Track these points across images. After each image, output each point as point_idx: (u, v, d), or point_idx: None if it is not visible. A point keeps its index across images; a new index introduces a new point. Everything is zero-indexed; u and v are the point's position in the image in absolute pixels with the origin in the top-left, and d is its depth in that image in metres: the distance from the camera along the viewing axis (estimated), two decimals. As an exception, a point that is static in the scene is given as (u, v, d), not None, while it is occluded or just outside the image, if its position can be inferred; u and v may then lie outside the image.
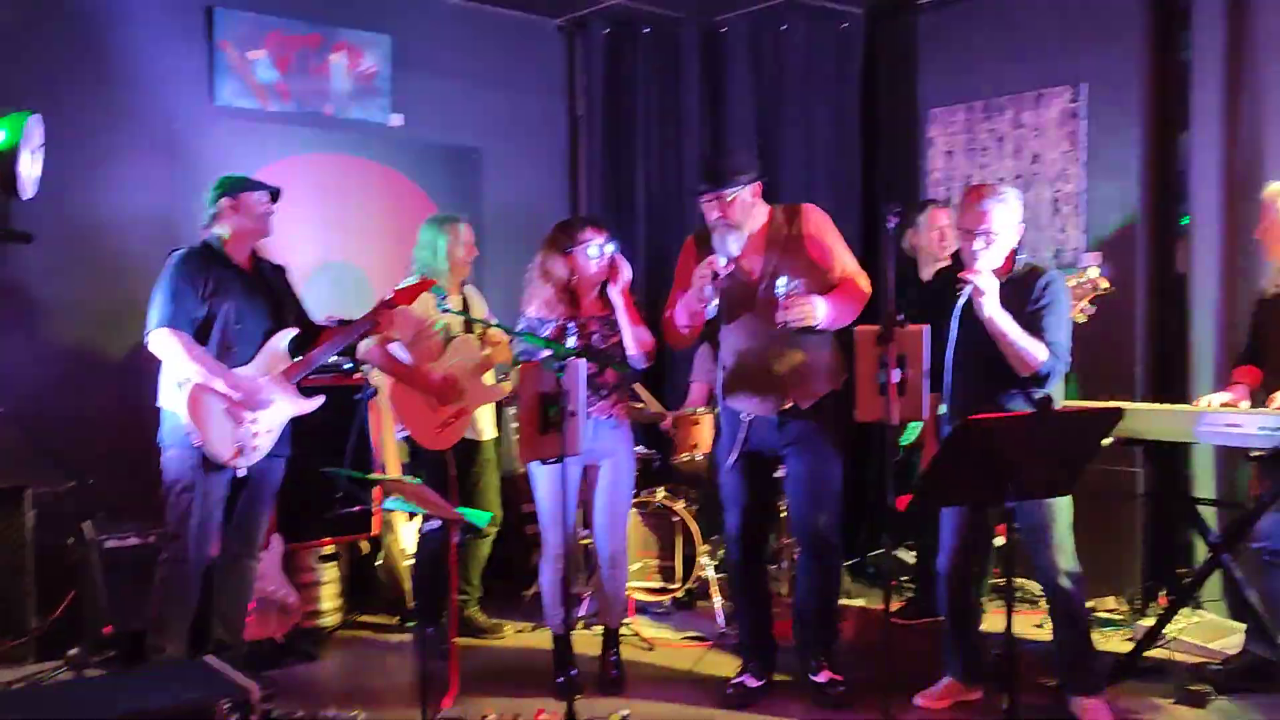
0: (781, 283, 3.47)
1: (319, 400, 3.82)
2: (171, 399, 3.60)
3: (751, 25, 5.92)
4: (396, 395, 4.15)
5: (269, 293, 3.82)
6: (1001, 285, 3.30)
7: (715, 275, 3.51)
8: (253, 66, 5.11)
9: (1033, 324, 3.31)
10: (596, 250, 3.77)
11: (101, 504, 4.22)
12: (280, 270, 3.96)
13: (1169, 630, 3.98)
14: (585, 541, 4.81)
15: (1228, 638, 4.16)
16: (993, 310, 3.24)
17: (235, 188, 3.78)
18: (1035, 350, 3.27)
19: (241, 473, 3.65)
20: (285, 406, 3.73)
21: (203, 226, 3.79)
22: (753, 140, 5.91)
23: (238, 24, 5.05)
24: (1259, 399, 3.65)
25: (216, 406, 3.57)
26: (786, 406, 3.63)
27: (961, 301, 3.25)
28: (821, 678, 3.76)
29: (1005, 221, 3.33)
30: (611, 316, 3.83)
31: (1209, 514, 4.19)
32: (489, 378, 4.28)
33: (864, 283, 3.64)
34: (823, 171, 5.81)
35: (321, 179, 5.31)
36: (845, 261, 3.66)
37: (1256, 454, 3.49)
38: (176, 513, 3.61)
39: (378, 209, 5.43)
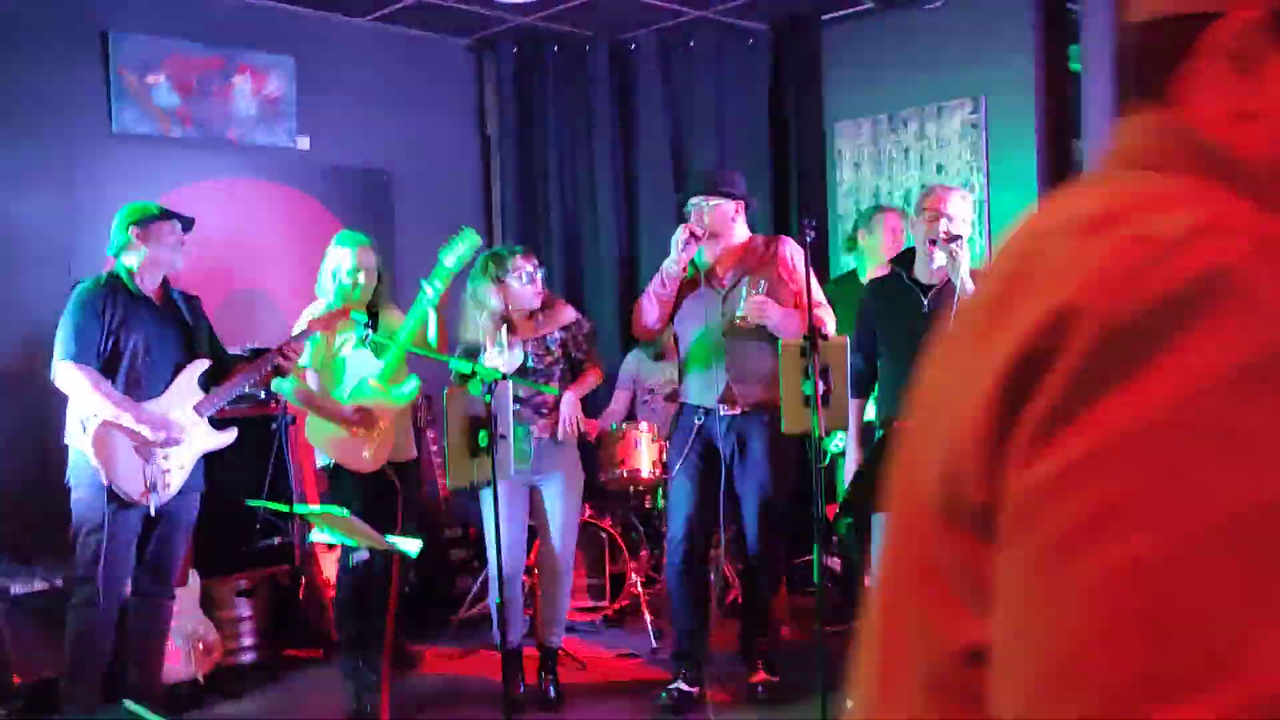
0: (745, 282, 3.72)
1: (232, 434, 3.75)
2: (78, 437, 3.48)
3: (660, 42, 5.97)
4: (315, 424, 4.06)
5: (180, 325, 3.73)
6: (949, 283, 3.44)
7: (693, 237, 3.74)
8: (151, 91, 4.97)
9: None
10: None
11: (6, 547, 4.04)
12: (193, 300, 3.86)
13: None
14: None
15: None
16: (966, 273, 3.34)
17: (145, 218, 3.67)
18: None
19: (154, 510, 3.54)
20: (197, 441, 3.65)
21: (109, 255, 3.68)
22: (665, 158, 5.96)
23: (135, 48, 4.91)
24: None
25: (124, 443, 3.45)
26: (735, 406, 3.78)
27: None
28: (757, 679, 3.88)
29: (960, 210, 3.53)
30: (545, 336, 3.96)
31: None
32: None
33: (826, 310, 3.79)
34: (734, 186, 5.88)
35: (229, 205, 5.19)
36: (813, 290, 3.65)
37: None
38: (86, 555, 3.48)
39: (288, 234, 5.32)
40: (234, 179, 5.22)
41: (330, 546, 4.57)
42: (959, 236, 3.37)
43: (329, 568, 4.62)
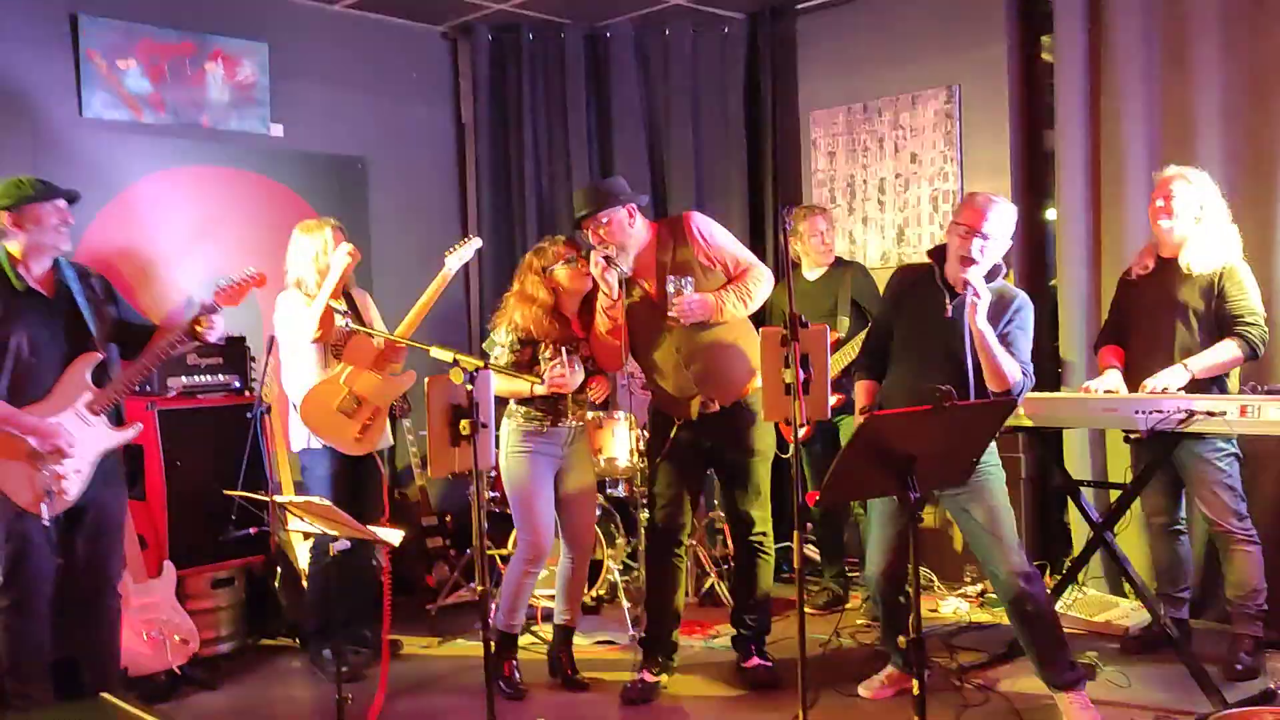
0: (670, 282, 3.62)
1: (134, 430, 3.51)
2: None
3: (636, 30, 5.96)
4: (308, 409, 4.05)
5: (71, 315, 3.38)
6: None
7: (607, 261, 3.65)
8: (123, 76, 4.91)
9: (1003, 344, 3.29)
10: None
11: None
12: (93, 280, 3.52)
13: (1057, 607, 4.16)
14: (493, 552, 4.77)
15: (1110, 611, 4.39)
16: (981, 322, 3.21)
17: (20, 200, 3.29)
18: (1011, 368, 3.26)
19: (46, 520, 3.26)
20: (91, 443, 3.37)
21: None
22: (641, 145, 5.95)
23: (105, 32, 4.85)
24: (1129, 379, 3.81)
25: (9, 451, 3.23)
26: (711, 409, 3.75)
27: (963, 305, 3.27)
28: (750, 664, 3.92)
29: (1000, 227, 3.32)
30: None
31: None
32: (393, 370, 4.20)
33: (758, 271, 3.77)
34: (710, 174, 5.90)
35: (201, 192, 5.14)
36: (738, 255, 3.81)
37: (1134, 436, 3.66)
38: (3, 562, 3.30)
39: (261, 222, 5.27)
40: (206, 166, 5.17)
41: (306, 536, 4.54)
42: (971, 285, 3.21)
43: (304, 557, 4.59)
